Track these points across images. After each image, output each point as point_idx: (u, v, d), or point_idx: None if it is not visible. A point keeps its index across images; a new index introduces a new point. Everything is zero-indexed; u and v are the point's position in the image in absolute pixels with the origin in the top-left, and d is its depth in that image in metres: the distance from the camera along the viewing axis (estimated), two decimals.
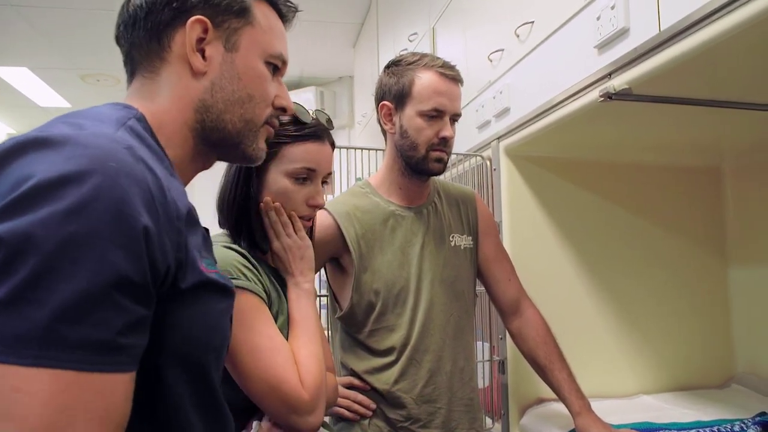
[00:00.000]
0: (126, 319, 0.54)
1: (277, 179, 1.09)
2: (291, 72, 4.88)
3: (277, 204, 1.10)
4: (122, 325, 0.53)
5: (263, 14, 0.80)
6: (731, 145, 1.86)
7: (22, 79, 4.91)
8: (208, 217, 1.15)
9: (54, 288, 0.50)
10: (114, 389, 0.53)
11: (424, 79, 1.36)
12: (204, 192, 1.14)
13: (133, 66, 0.77)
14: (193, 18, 0.73)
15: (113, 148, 0.58)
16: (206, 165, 0.82)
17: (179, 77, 0.75)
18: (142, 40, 0.75)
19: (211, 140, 0.78)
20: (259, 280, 1.04)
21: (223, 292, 0.71)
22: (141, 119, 0.71)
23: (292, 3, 0.86)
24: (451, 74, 1.38)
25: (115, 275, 0.52)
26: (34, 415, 0.48)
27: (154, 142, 0.70)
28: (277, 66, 0.82)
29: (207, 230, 0.80)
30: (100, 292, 0.51)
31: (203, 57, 0.75)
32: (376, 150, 1.82)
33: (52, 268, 0.50)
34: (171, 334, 0.62)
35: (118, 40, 0.78)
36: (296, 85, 5.14)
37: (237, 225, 1.10)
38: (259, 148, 0.82)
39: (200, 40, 0.75)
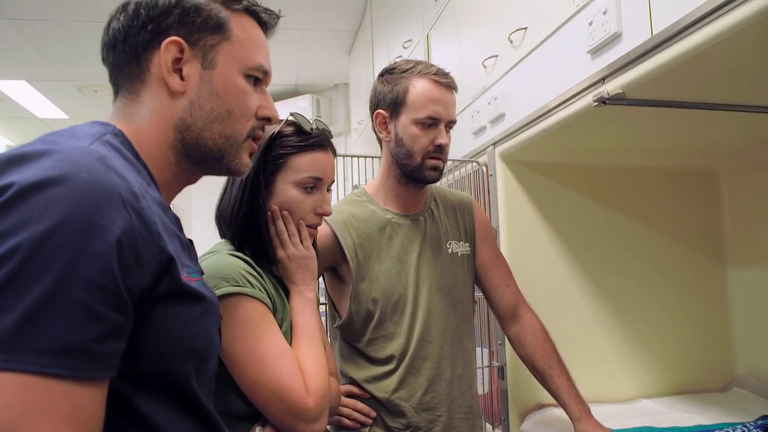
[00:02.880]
0: (100, 325, 0.55)
1: (284, 189, 1.11)
2: (287, 80, 4.91)
3: (284, 212, 1.11)
4: (96, 332, 0.54)
5: (241, 27, 0.80)
6: (726, 146, 1.86)
7: (21, 91, 4.95)
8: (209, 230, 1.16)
9: (22, 293, 0.51)
10: (86, 394, 0.54)
11: (419, 87, 1.36)
12: (203, 205, 1.15)
13: (117, 86, 0.78)
14: (167, 40, 0.74)
15: (85, 159, 0.59)
16: (191, 180, 0.83)
17: (159, 98, 0.75)
18: (123, 63, 0.76)
19: (193, 157, 0.78)
20: (263, 288, 1.05)
21: (198, 298, 0.71)
22: (118, 134, 0.72)
23: (272, 11, 0.85)
24: (445, 81, 1.38)
25: (84, 282, 0.53)
26: None
27: (131, 156, 0.71)
28: (258, 77, 0.82)
29: (191, 241, 0.81)
30: (69, 298, 0.52)
31: (181, 77, 0.75)
32: (373, 157, 1.82)
33: (20, 273, 0.51)
34: (145, 339, 0.62)
35: (103, 60, 0.79)
36: (292, 93, 5.16)
37: (242, 235, 1.10)
38: (242, 163, 0.82)
39: (177, 60, 0.75)
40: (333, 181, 1.17)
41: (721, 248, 1.98)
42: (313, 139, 1.12)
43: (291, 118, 1.13)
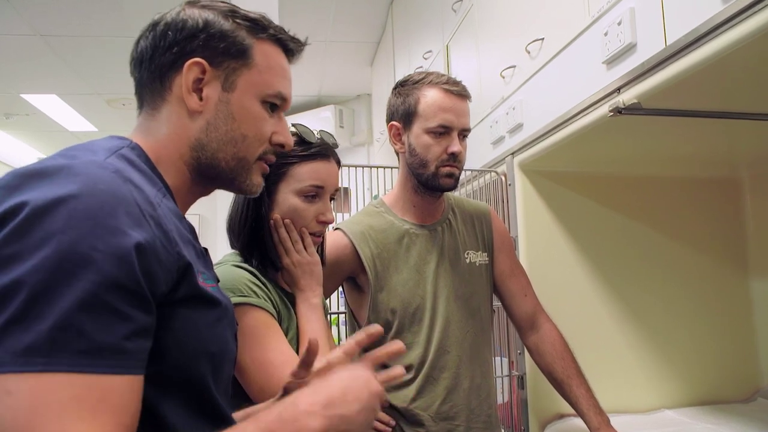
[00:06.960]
0: (130, 324, 0.58)
1: (287, 198, 1.13)
2: (310, 91, 4.96)
3: (286, 221, 1.13)
4: (127, 331, 0.58)
5: (263, 54, 0.81)
6: (746, 155, 1.84)
7: (52, 105, 5.07)
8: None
9: (54, 302, 0.54)
10: (120, 389, 0.57)
11: (429, 97, 1.38)
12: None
13: (141, 100, 0.82)
14: (190, 61, 0.77)
15: (101, 173, 0.62)
16: (204, 192, 0.86)
17: (178, 116, 0.78)
18: (147, 80, 0.80)
19: (207, 175, 0.81)
20: (268, 297, 1.07)
21: (214, 303, 0.74)
22: (135, 148, 0.75)
23: (298, 39, 0.87)
24: (456, 90, 1.38)
25: (110, 286, 0.57)
26: (20, 410, 0.52)
27: (147, 168, 0.74)
28: (275, 104, 0.84)
29: (206, 249, 0.84)
30: (98, 301, 0.56)
31: (200, 97, 0.78)
32: (392, 168, 1.84)
33: (50, 284, 0.55)
34: (164, 341, 0.65)
35: (131, 74, 0.83)
36: (315, 104, 5.21)
37: (249, 244, 1.13)
38: (253, 184, 0.84)
39: (198, 80, 0.78)
40: (337, 190, 1.19)
41: (744, 257, 1.96)
42: (315, 149, 1.14)
43: (294, 129, 1.15)
